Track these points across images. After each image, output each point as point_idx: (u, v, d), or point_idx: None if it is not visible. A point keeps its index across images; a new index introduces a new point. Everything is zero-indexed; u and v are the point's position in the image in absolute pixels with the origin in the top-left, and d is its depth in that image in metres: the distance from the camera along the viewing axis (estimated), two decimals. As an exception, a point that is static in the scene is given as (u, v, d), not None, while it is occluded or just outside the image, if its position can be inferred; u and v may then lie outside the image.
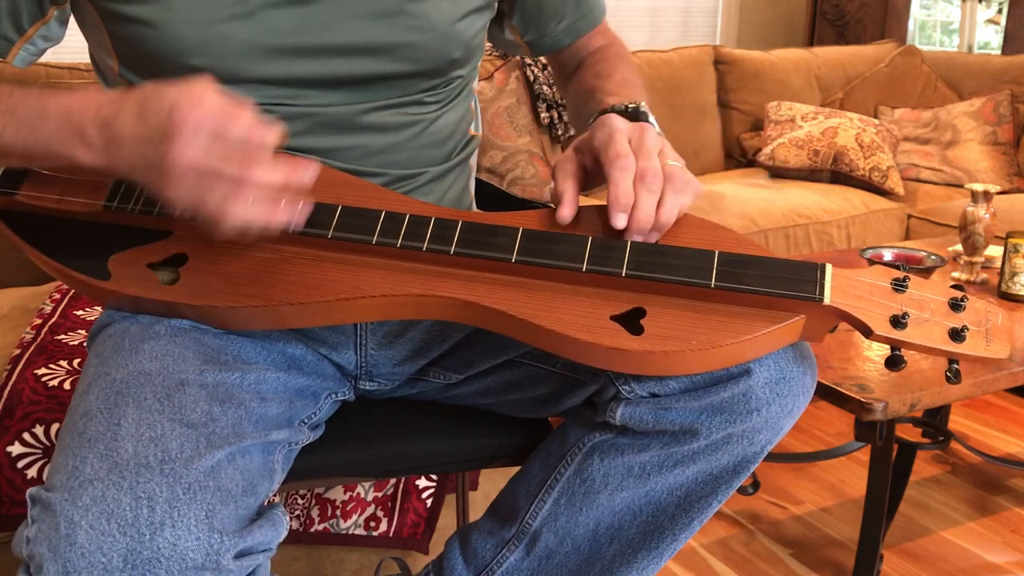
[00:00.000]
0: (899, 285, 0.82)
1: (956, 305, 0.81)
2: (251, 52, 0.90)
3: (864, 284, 0.82)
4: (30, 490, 0.76)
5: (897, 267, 0.83)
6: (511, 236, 0.85)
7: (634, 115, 0.93)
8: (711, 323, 0.81)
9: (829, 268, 0.82)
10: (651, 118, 0.95)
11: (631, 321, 0.82)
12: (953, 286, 0.83)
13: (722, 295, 0.81)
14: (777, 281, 0.81)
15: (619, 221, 0.83)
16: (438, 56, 0.97)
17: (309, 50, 0.92)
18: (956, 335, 0.79)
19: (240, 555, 0.76)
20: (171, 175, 0.76)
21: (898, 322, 0.79)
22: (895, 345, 0.81)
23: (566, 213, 0.86)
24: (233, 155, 0.76)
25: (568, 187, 0.88)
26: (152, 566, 0.71)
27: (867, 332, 0.80)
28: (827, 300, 0.80)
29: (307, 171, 0.80)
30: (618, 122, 0.87)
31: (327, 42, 0.92)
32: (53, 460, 0.79)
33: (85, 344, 1.01)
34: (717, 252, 0.82)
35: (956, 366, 0.82)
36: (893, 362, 0.81)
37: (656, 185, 0.83)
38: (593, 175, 0.90)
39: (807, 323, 0.82)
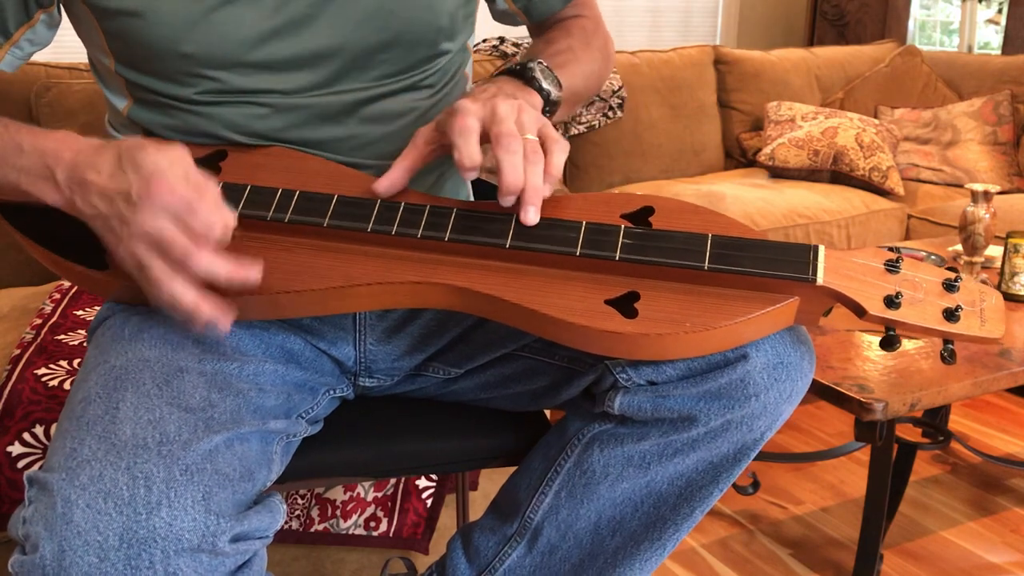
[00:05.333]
0: (892, 266, 0.81)
1: (950, 286, 0.81)
2: (240, 35, 0.90)
3: (857, 265, 0.81)
4: (27, 472, 0.77)
5: (891, 249, 0.83)
6: (505, 222, 0.85)
7: (520, 73, 0.93)
8: (705, 305, 0.81)
9: (822, 249, 0.82)
10: (537, 73, 0.93)
11: (625, 305, 0.82)
12: (948, 268, 0.83)
13: (716, 278, 0.81)
14: (770, 263, 0.80)
15: (504, 196, 0.83)
16: (425, 26, 0.97)
17: (297, 23, 0.91)
18: (950, 315, 0.79)
19: (236, 539, 0.76)
20: (126, 234, 0.78)
21: (892, 302, 0.79)
22: (889, 325, 0.81)
23: (379, 187, 0.87)
24: (187, 235, 0.77)
25: (398, 163, 0.88)
26: (148, 545, 0.71)
27: (860, 312, 0.80)
28: (820, 280, 0.80)
29: (250, 271, 0.80)
30: (469, 101, 0.85)
31: (313, 13, 0.92)
32: (51, 445, 0.80)
33: (85, 343, 1.01)
34: (710, 235, 0.82)
35: (951, 346, 0.81)
36: (888, 342, 0.81)
37: (515, 146, 0.82)
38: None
39: (801, 305, 0.82)
